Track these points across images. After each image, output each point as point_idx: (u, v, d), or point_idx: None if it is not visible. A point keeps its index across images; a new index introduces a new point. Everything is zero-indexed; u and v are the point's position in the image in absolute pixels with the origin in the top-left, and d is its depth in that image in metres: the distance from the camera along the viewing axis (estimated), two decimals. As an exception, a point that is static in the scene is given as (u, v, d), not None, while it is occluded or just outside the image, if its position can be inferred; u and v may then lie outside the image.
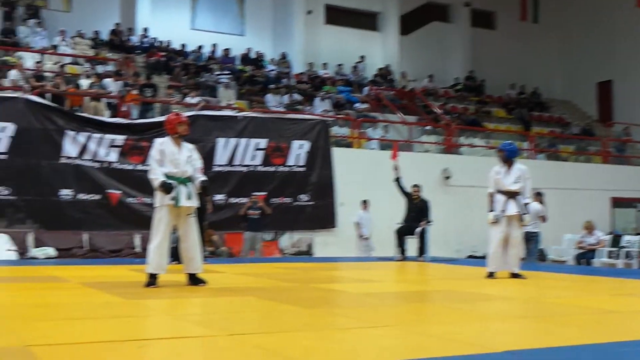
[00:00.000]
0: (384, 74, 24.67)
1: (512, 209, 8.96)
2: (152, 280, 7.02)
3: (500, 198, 9.03)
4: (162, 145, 7.19)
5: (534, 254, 13.80)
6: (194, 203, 7.24)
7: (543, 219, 13.61)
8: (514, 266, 9.04)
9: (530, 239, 12.87)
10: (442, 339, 4.26)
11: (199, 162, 7.42)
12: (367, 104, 21.32)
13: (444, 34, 27.31)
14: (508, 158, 9.14)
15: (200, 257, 7.40)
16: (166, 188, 6.96)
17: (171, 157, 7.13)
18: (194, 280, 7.27)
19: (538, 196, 13.23)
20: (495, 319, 5.45)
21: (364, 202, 15.40)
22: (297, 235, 15.58)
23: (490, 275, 9.01)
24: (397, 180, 13.79)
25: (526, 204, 9.10)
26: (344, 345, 4.07)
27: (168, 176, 7.03)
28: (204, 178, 7.36)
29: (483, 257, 11.32)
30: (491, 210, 9.07)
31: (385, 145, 18.58)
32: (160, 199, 7.07)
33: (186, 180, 7.16)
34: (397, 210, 13.95)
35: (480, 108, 24.07)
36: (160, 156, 7.13)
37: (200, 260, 7.35)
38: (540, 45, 27.95)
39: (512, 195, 9.01)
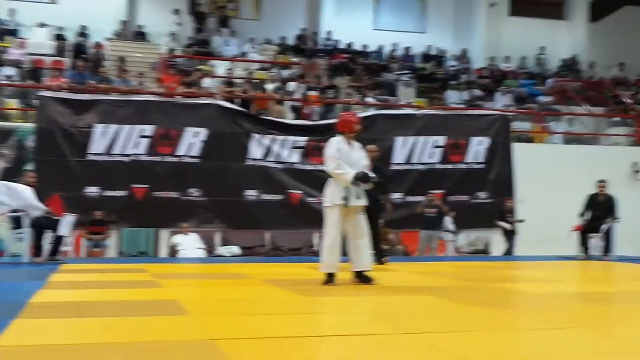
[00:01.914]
0: (570, 65, 23.58)
1: None
2: (330, 278, 7.23)
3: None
4: (338, 144, 7.34)
5: None
6: (363, 202, 7.36)
7: None
8: None
9: None
10: (632, 341, 4.06)
11: (365, 161, 7.50)
12: (551, 97, 20.50)
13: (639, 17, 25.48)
14: None
15: (370, 255, 7.50)
16: (364, 178, 7.10)
17: (345, 157, 7.27)
18: (362, 278, 7.33)
19: None
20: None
21: None
22: (475, 234, 15.31)
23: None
24: None
25: None
26: (525, 347, 3.96)
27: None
28: (372, 175, 7.35)
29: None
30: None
31: (569, 139, 17.80)
32: (331, 199, 7.27)
33: (356, 180, 7.25)
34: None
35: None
36: (338, 154, 7.27)
37: (369, 258, 7.43)
38: None
39: None
